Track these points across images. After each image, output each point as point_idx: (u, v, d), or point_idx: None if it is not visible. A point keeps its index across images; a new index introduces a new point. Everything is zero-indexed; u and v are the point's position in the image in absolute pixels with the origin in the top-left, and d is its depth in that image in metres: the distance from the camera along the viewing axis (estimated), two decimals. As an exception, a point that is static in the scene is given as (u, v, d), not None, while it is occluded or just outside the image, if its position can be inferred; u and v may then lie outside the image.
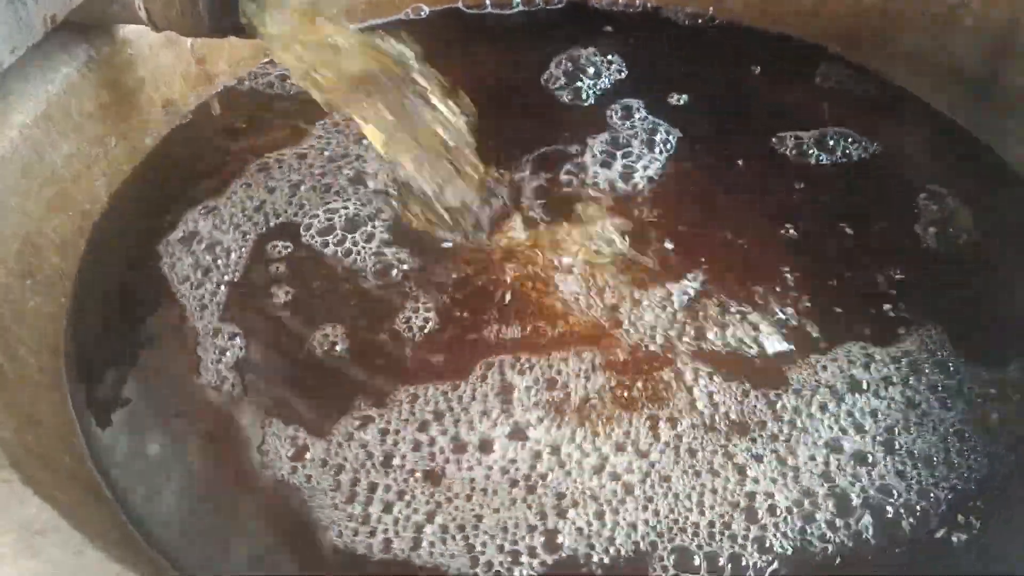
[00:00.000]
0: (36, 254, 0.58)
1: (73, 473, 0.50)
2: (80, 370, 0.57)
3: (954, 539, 0.49)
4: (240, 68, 0.77)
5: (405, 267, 0.62)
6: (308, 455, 0.52)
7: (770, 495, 0.50)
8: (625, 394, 0.55)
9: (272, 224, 0.65)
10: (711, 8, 0.83)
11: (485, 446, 0.52)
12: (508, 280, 0.61)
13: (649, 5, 0.85)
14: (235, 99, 0.75)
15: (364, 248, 0.63)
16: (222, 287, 0.61)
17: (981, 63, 0.72)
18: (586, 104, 0.75)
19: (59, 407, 0.54)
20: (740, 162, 0.70)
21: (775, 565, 0.48)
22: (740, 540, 0.48)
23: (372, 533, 0.48)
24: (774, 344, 0.58)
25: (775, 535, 0.49)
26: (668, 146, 0.71)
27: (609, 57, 0.79)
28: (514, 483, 0.50)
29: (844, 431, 0.53)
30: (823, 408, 0.54)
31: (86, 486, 0.50)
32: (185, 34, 0.63)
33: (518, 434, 0.53)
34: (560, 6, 0.86)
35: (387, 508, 0.49)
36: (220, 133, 0.72)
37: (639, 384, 0.55)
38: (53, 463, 0.48)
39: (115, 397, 0.56)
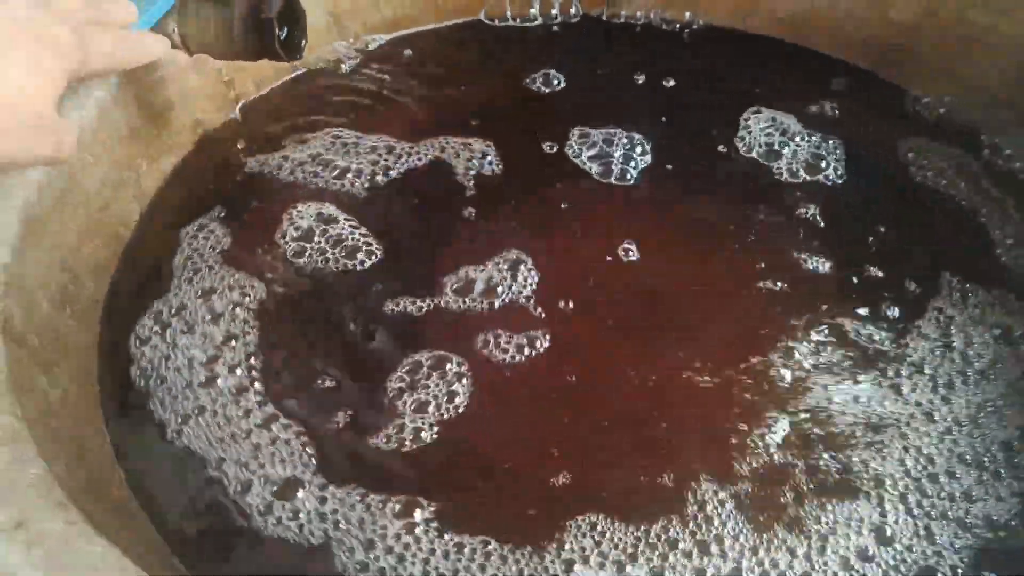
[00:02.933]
0: (74, 281, 0.58)
1: (121, 505, 0.49)
2: (115, 398, 0.57)
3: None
4: (266, 86, 0.77)
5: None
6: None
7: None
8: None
9: (301, 247, 0.65)
10: (734, 22, 0.84)
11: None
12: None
13: (659, 16, 0.85)
14: (262, 117, 0.75)
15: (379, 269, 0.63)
16: (251, 309, 0.61)
17: (1011, 83, 0.73)
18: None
19: (100, 437, 0.54)
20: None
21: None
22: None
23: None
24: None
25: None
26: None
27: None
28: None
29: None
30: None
31: (133, 517, 0.50)
32: (218, 57, 0.63)
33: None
34: (576, 20, 0.87)
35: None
36: (247, 152, 0.72)
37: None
38: (104, 495, 0.48)
39: (150, 425, 0.56)
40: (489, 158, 0.71)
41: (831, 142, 0.73)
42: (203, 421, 0.55)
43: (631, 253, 0.65)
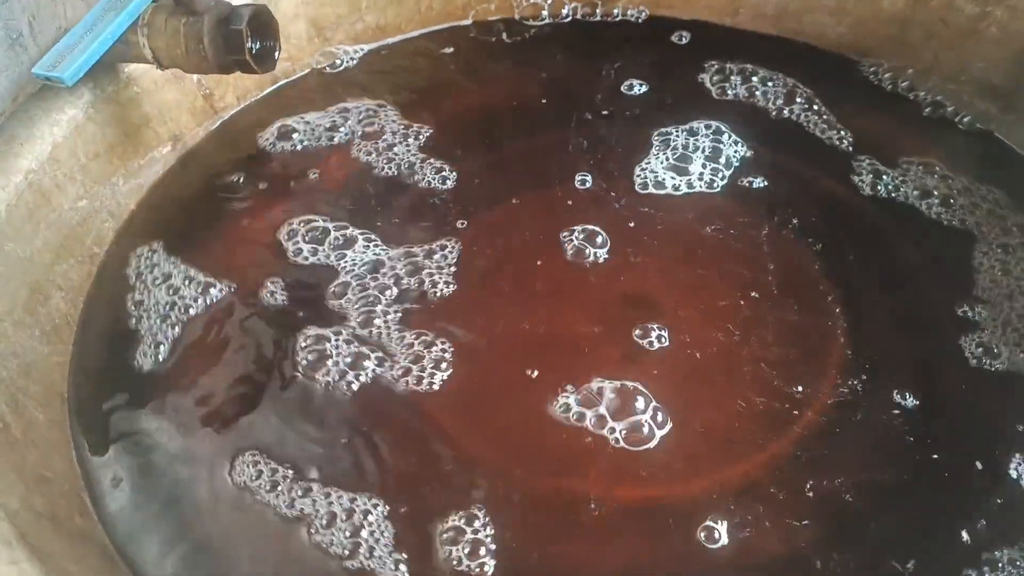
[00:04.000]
0: (44, 303, 0.57)
1: (83, 533, 0.48)
2: (84, 421, 0.56)
3: None
4: (248, 99, 0.76)
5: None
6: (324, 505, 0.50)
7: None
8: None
9: (281, 271, 0.64)
10: (729, 19, 0.82)
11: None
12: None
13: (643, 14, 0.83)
14: (244, 131, 0.74)
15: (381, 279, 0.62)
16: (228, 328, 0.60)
17: (1007, 73, 0.70)
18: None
19: (68, 461, 0.53)
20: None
21: None
22: None
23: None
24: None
25: None
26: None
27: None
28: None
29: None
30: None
31: (95, 546, 0.48)
32: (190, 71, 0.62)
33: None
34: (567, 20, 0.85)
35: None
36: (228, 167, 0.71)
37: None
38: (63, 525, 0.46)
39: (121, 448, 0.54)
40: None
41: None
42: (183, 444, 0.54)
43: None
